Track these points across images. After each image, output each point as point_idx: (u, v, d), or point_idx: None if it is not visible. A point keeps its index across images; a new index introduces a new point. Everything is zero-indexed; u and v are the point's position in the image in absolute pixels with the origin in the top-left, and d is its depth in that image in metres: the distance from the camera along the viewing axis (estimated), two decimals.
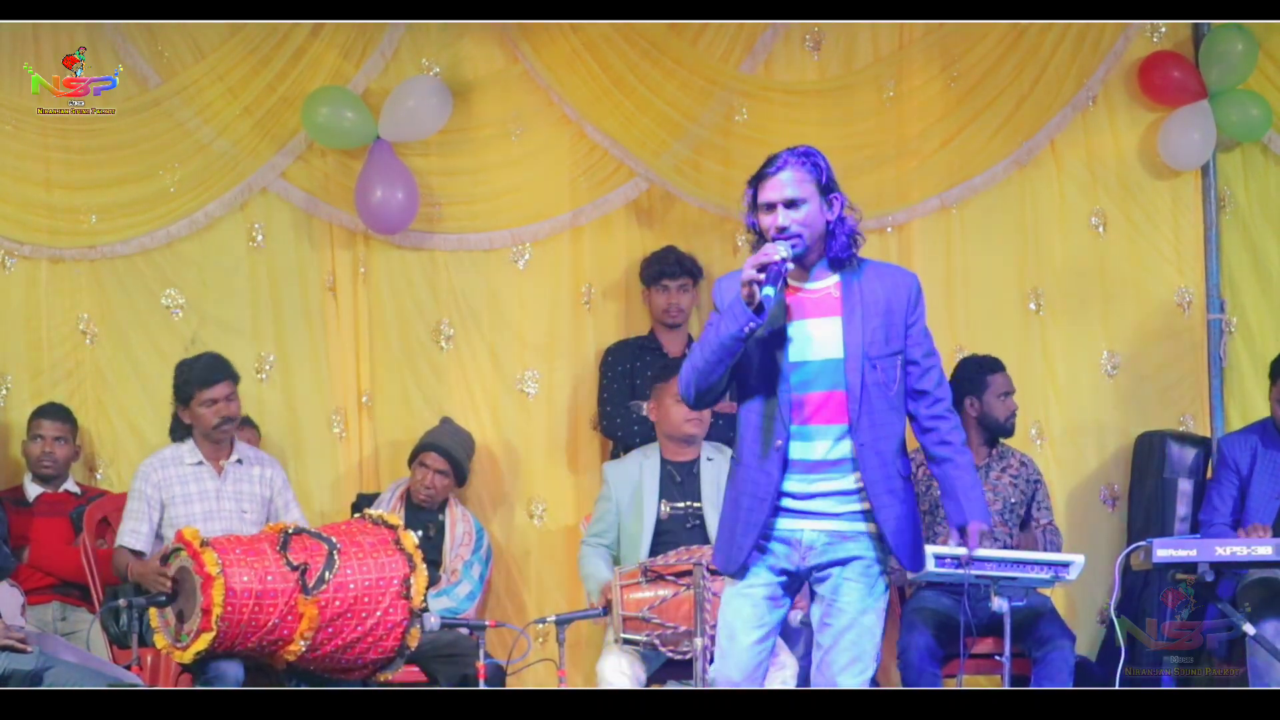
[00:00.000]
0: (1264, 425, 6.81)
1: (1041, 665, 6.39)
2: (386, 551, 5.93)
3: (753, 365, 4.62)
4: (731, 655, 4.66)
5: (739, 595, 4.68)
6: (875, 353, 4.61)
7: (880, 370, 4.61)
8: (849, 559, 4.65)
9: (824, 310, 4.64)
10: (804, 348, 4.62)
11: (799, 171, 4.67)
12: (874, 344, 4.61)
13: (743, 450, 4.69)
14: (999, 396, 6.79)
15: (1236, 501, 6.71)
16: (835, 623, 4.64)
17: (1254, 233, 7.57)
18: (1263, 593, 6.31)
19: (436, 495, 6.82)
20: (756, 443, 4.63)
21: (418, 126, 7.13)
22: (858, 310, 4.61)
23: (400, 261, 7.30)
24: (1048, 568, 6.11)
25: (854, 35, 7.41)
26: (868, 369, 4.59)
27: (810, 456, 4.62)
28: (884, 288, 4.66)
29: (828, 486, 4.64)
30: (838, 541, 4.64)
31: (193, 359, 6.49)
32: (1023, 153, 7.41)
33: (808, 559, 4.66)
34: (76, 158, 7.09)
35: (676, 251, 7.14)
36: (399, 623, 5.87)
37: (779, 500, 4.64)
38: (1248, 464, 6.73)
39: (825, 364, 4.60)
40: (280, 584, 5.73)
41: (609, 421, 7.09)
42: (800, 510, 4.65)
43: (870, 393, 4.59)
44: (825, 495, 4.64)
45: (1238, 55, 7.33)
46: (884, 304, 4.64)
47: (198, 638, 5.65)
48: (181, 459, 6.39)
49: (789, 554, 4.66)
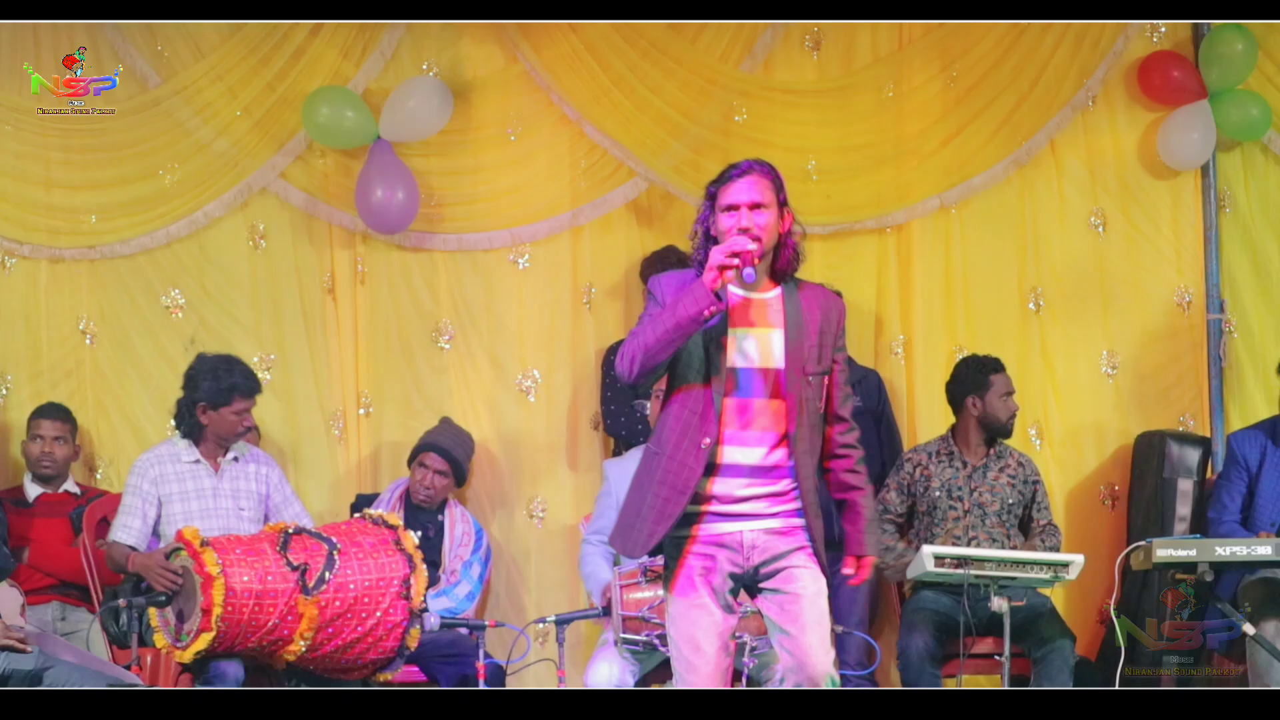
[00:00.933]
0: (1274, 423, 6.79)
1: (1041, 665, 6.39)
2: (387, 552, 5.93)
3: (690, 359, 4.64)
4: (702, 667, 4.64)
5: (694, 607, 4.65)
6: (810, 369, 4.66)
7: (812, 386, 4.67)
8: (792, 550, 4.66)
9: (767, 320, 4.67)
10: (747, 353, 4.65)
11: (764, 179, 4.69)
12: (809, 360, 4.67)
13: (665, 440, 4.67)
14: (1001, 397, 6.79)
15: (1245, 499, 6.70)
16: (796, 606, 4.62)
17: (1254, 233, 7.57)
18: (1263, 593, 6.31)
19: (436, 495, 6.82)
20: (684, 436, 4.63)
21: (418, 126, 7.13)
22: (796, 324, 4.67)
23: (400, 262, 7.30)
24: (1047, 568, 6.14)
25: (853, 35, 7.42)
26: (804, 383, 4.65)
27: (747, 461, 4.65)
28: (819, 307, 4.72)
29: (762, 490, 4.66)
30: (777, 537, 4.66)
31: (223, 363, 6.42)
32: (1022, 153, 7.41)
33: (752, 559, 4.66)
34: (76, 158, 7.10)
35: (677, 251, 7.13)
36: (399, 623, 5.87)
37: (708, 504, 4.65)
38: (1257, 461, 6.71)
39: (766, 372, 4.64)
40: (280, 584, 5.73)
41: (613, 420, 7.09)
42: (735, 514, 4.65)
43: (806, 407, 4.65)
44: (759, 498, 4.66)
45: (1238, 55, 7.33)
46: (819, 322, 4.70)
47: (198, 637, 5.66)
48: (178, 456, 6.37)
49: (732, 556, 4.65)
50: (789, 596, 4.63)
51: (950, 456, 6.76)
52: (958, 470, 6.74)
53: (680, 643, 4.67)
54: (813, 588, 4.64)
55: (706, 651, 4.63)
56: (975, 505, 6.71)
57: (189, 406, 6.36)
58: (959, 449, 6.79)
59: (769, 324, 4.67)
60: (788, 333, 4.66)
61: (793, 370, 4.64)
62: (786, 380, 4.64)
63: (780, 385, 4.64)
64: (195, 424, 6.35)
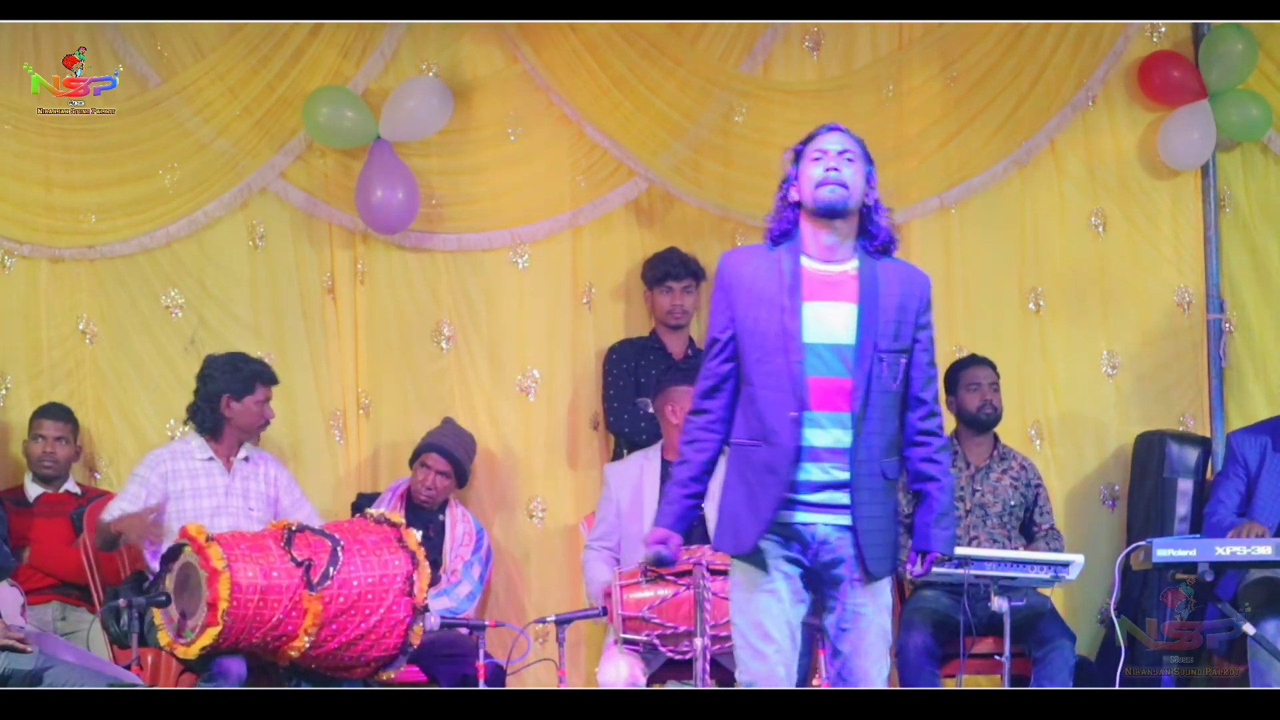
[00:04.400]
0: (1275, 424, 6.79)
1: (1041, 665, 6.39)
2: (390, 549, 5.93)
3: (765, 336, 4.54)
4: (771, 655, 4.50)
5: (762, 592, 4.53)
6: (884, 346, 4.53)
7: (886, 365, 4.53)
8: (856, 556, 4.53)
9: (840, 294, 4.56)
10: (816, 329, 4.53)
11: (853, 139, 4.65)
12: (884, 337, 4.54)
13: (754, 429, 4.56)
14: (968, 388, 6.81)
15: (1243, 498, 6.70)
16: (854, 627, 4.53)
17: (1254, 233, 7.57)
18: (1263, 593, 6.31)
19: (437, 496, 6.82)
20: (773, 419, 4.51)
21: (418, 126, 7.13)
22: (873, 300, 4.54)
23: (400, 262, 7.29)
24: (1048, 568, 6.14)
25: (853, 35, 7.41)
26: (875, 362, 4.52)
27: (820, 444, 4.53)
28: (899, 283, 4.60)
29: (836, 476, 4.53)
30: (849, 534, 4.53)
31: (238, 356, 6.53)
32: (1022, 152, 7.41)
33: (820, 555, 4.54)
34: (76, 158, 7.09)
35: (679, 253, 7.14)
36: (402, 620, 5.87)
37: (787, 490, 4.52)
38: (1257, 461, 6.70)
39: (836, 349, 4.52)
40: (285, 580, 5.73)
41: (616, 418, 7.08)
42: (811, 503, 4.53)
43: (874, 386, 4.51)
44: (833, 486, 4.53)
45: (1238, 55, 7.33)
46: (898, 299, 4.58)
47: (203, 633, 5.65)
48: (191, 453, 6.40)
49: (803, 549, 4.54)
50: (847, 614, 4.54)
51: (953, 457, 6.77)
52: (960, 471, 6.74)
53: (748, 630, 4.55)
54: (872, 606, 4.54)
55: (776, 638, 4.51)
56: (977, 506, 6.71)
57: (211, 400, 6.40)
58: (962, 450, 6.80)
59: (843, 298, 4.56)
60: (863, 308, 4.54)
61: (864, 347, 4.52)
62: (858, 359, 4.51)
63: (850, 363, 4.51)
64: (218, 418, 6.40)
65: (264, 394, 6.48)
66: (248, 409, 6.42)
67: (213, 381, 6.41)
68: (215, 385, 6.40)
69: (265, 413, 6.50)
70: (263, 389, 6.46)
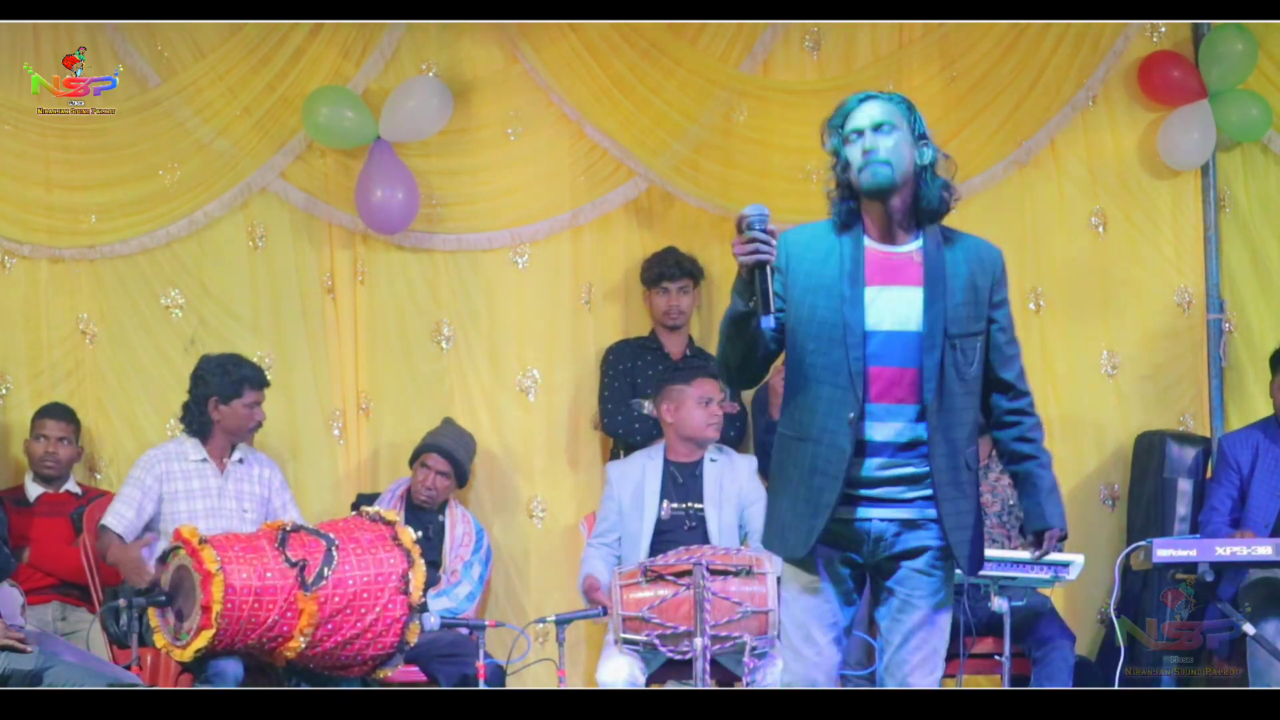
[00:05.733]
0: (1266, 424, 6.80)
1: (1041, 665, 6.39)
2: (384, 547, 5.93)
3: (820, 332, 4.27)
4: (811, 657, 4.32)
5: (810, 591, 4.32)
6: (957, 330, 4.26)
7: (960, 351, 4.26)
8: (920, 549, 4.32)
9: (904, 278, 4.29)
10: (879, 316, 4.25)
11: (884, 104, 4.42)
12: (956, 321, 4.26)
13: (804, 424, 4.28)
14: None
15: (1236, 501, 6.71)
16: (907, 619, 4.32)
17: (1254, 233, 7.57)
18: (1263, 593, 6.31)
19: (437, 496, 6.82)
20: (828, 414, 4.25)
21: (418, 126, 7.13)
22: (941, 281, 4.27)
23: (400, 262, 7.29)
24: (1048, 568, 6.13)
25: (853, 35, 7.41)
26: (947, 348, 4.25)
27: (880, 438, 4.27)
28: (969, 260, 4.32)
29: (898, 472, 4.29)
30: (908, 531, 4.30)
31: (230, 359, 6.52)
32: (1022, 153, 7.40)
33: (877, 552, 4.31)
34: (76, 158, 7.09)
35: (677, 253, 7.13)
36: (398, 618, 5.87)
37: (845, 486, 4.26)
38: (1249, 463, 6.72)
39: (901, 336, 4.25)
40: (279, 580, 5.73)
41: (610, 419, 7.08)
42: (869, 498, 4.28)
43: (947, 374, 4.25)
44: (895, 482, 4.29)
45: (1238, 55, 7.33)
46: (968, 278, 4.31)
47: (198, 635, 5.65)
48: (185, 455, 6.41)
49: (858, 546, 4.30)
50: (904, 604, 4.33)
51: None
52: None
53: (792, 630, 4.36)
54: (930, 600, 4.32)
55: (819, 641, 4.33)
56: None
57: (199, 403, 6.41)
58: None
59: (907, 281, 4.28)
60: (929, 292, 4.26)
61: (932, 334, 4.24)
62: (925, 347, 4.23)
63: (917, 352, 4.24)
64: (206, 421, 6.40)
65: (252, 398, 6.45)
66: (235, 412, 6.42)
67: (202, 384, 6.43)
68: (204, 388, 6.41)
69: (255, 416, 6.47)
70: (251, 393, 6.44)
